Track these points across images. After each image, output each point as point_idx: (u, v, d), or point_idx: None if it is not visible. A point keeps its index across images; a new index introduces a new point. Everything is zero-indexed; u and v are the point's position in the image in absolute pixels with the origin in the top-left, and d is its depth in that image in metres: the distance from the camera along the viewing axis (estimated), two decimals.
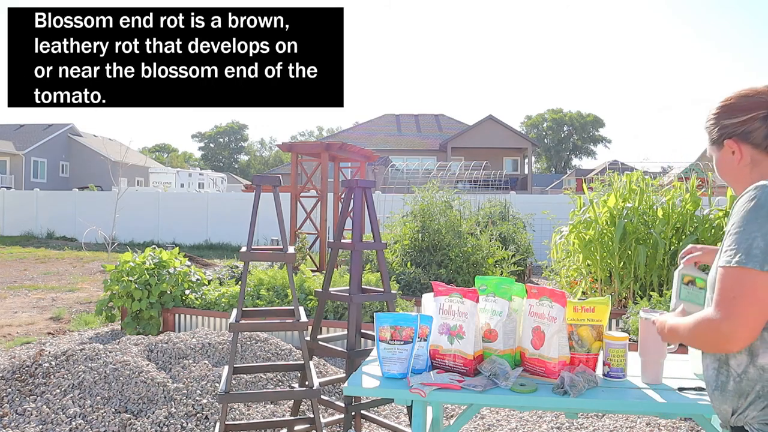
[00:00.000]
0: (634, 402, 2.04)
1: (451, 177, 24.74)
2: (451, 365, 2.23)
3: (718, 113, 1.58)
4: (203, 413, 3.59)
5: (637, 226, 6.36)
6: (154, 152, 75.77)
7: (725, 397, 1.46)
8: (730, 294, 1.37)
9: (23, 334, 6.73)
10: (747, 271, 1.35)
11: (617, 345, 2.22)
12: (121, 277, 6.43)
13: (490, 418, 4.14)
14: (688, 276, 1.96)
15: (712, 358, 1.51)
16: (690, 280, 1.95)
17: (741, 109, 1.53)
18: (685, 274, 1.98)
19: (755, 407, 1.40)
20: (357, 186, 3.28)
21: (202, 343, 4.62)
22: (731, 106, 1.55)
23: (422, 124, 38.73)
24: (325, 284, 3.38)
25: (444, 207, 8.44)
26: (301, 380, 3.31)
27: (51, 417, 3.51)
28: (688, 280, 1.95)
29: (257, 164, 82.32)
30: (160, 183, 32.11)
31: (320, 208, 8.92)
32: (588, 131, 74.21)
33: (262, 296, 6.29)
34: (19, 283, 10.68)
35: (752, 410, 1.40)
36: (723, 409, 1.48)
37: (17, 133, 39.44)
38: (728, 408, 1.46)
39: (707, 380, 1.54)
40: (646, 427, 4.02)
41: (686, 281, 1.95)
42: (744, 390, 1.42)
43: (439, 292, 2.33)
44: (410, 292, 7.44)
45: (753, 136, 1.51)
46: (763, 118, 1.50)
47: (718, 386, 1.48)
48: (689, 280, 1.95)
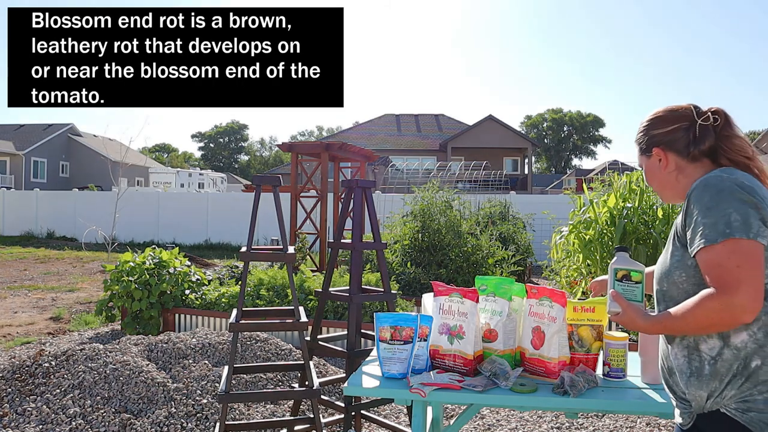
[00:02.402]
0: (634, 402, 2.04)
1: (451, 177, 24.74)
2: (451, 365, 2.22)
3: (648, 125, 1.75)
4: (203, 413, 3.59)
5: (637, 226, 6.35)
6: (154, 152, 75.77)
7: (701, 382, 1.50)
8: (729, 266, 1.43)
9: (23, 334, 6.73)
10: (737, 241, 1.43)
11: (617, 345, 2.22)
12: (121, 277, 6.42)
13: (490, 418, 4.14)
14: (622, 270, 1.81)
15: (681, 346, 1.57)
16: (624, 274, 1.81)
17: (667, 120, 1.70)
18: (618, 268, 1.82)
19: (733, 386, 1.45)
20: (357, 186, 3.28)
21: (202, 343, 4.62)
22: (659, 119, 1.72)
23: (422, 124, 38.72)
24: (325, 284, 3.38)
25: (444, 207, 8.44)
26: (301, 380, 3.31)
27: (51, 417, 3.50)
28: (622, 275, 1.80)
29: (257, 164, 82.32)
30: (160, 183, 32.12)
31: (320, 208, 8.92)
32: (588, 131, 74.19)
33: (262, 296, 6.29)
34: (19, 283, 10.68)
35: (730, 390, 1.46)
36: (698, 395, 1.51)
37: (17, 133, 39.44)
38: (704, 393, 1.50)
39: (679, 369, 1.57)
40: (646, 427, 4.02)
41: (620, 276, 1.80)
42: (719, 372, 1.47)
43: (439, 292, 2.33)
44: (410, 292, 7.44)
45: (677, 144, 1.68)
46: (685, 129, 1.67)
47: (693, 372, 1.53)
48: (623, 274, 1.81)
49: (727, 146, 1.63)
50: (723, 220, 1.45)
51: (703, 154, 1.65)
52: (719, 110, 1.68)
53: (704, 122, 1.65)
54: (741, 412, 1.44)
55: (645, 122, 1.76)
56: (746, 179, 1.52)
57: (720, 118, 1.66)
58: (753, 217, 1.45)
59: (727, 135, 1.64)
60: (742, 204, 1.46)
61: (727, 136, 1.64)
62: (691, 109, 1.69)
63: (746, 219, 1.44)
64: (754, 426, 1.41)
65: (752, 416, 1.42)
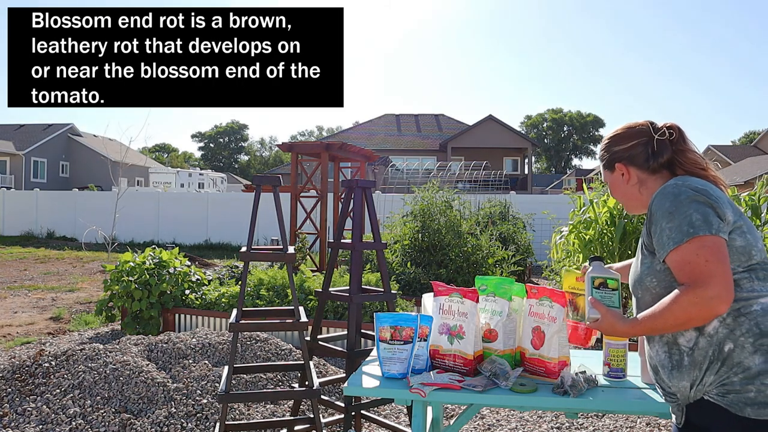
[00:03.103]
0: (634, 402, 2.04)
1: (451, 177, 24.74)
2: (451, 365, 2.22)
3: (609, 142, 1.87)
4: (203, 413, 3.59)
5: (637, 226, 6.35)
6: (154, 152, 75.75)
7: (683, 373, 1.59)
8: (699, 261, 1.52)
9: (23, 334, 6.73)
10: (701, 238, 1.54)
11: (617, 345, 2.22)
12: (121, 277, 6.42)
13: (490, 418, 4.14)
14: (599, 278, 1.89)
15: (661, 343, 1.66)
16: (601, 282, 1.88)
17: (627, 137, 1.83)
18: (595, 276, 1.90)
19: (711, 371, 1.53)
20: (357, 186, 3.28)
21: (202, 343, 4.62)
22: (619, 136, 1.85)
23: (422, 124, 38.71)
24: (325, 284, 3.38)
25: (444, 207, 8.44)
26: (301, 380, 3.31)
27: (51, 417, 3.50)
28: (599, 283, 1.88)
29: (257, 164, 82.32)
30: (160, 183, 32.12)
31: (320, 208, 8.91)
32: (588, 131, 74.19)
33: (262, 296, 6.29)
34: (19, 283, 10.68)
35: (709, 376, 1.54)
36: (682, 386, 1.59)
37: (17, 133, 39.43)
38: (687, 383, 1.58)
39: (661, 364, 1.65)
40: (646, 427, 4.02)
41: (597, 284, 1.88)
42: (697, 360, 1.56)
43: (439, 292, 2.33)
44: (410, 292, 7.44)
45: (637, 159, 1.80)
46: (644, 144, 1.79)
47: (675, 365, 1.61)
48: (600, 282, 1.88)
49: (683, 159, 1.75)
50: (686, 222, 1.55)
51: (662, 167, 1.77)
52: (674, 125, 1.80)
53: (661, 137, 1.77)
54: (722, 396, 1.51)
55: (606, 140, 1.89)
56: (699, 183, 1.63)
57: (675, 133, 1.78)
58: (711, 215, 1.55)
59: (682, 149, 1.77)
60: (700, 205, 1.57)
61: (682, 150, 1.77)
62: (648, 125, 1.81)
63: (706, 217, 1.55)
64: (734, 407, 1.48)
65: (732, 398, 1.49)
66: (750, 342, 1.50)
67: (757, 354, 1.49)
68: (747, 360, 1.49)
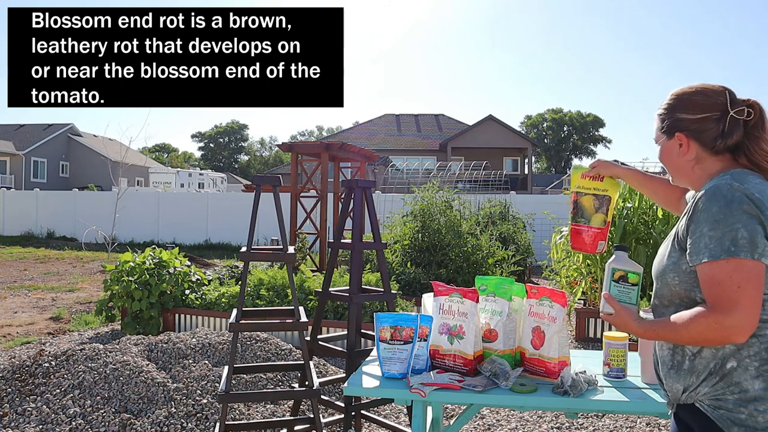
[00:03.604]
0: (634, 402, 2.04)
1: (451, 177, 24.73)
2: (451, 365, 2.22)
3: (676, 104, 1.62)
4: (203, 413, 3.59)
5: (637, 226, 6.36)
6: (154, 152, 75.76)
7: (679, 376, 1.53)
8: (730, 285, 1.40)
9: (23, 334, 6.73)
10: (741, 261, 1.40)
11: (617, 345, 2.22)
12: (121, 277, 6.42)
13: (490, 418, 4.14)
14: (620, 270, 1.74)
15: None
16: (621, 275, 1.73)
17: (698, 106, 1.57)
18: (616, 268, 1.74)
19: (707, 383, 1.48)
20: (357, 186, 3.28)
21: (202, 343, 4.62)
22: (689, 101, 1.59)
23: (422, 124, 38.71)
24: (325, 284, 3.38)
25: (444, 207, 8.44)
26: (301, 380, 3.31)
27: (51, 417, 3.50)
28: (619, 276, 1.73)
29: (257, 164, 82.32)
30: (160, 183, 32.14)
31: (320, 208, 8.91)
32: (588, 131, 74.18)
33: (262, 296, 6.29)
34: (19, 283, 10.68)
35: (704, 387, 1.48)
36: (675, 388, 1.55)
37: (17, 133, 39.43)
38: (680, 387, 1.53)
39: (662, 360, 1.60)
40: (646, 427, 4.02)
41: (617, 277, 1.73)
42: (697, 368, 1.50)
43: (439, 292, 2.33)
44: (410, 292, 7.44)
45: (704, 135, 1.57)
46: (716, 120, 1.55)
47: (674, 365, 1.55)
48: (620, 275, 1.73)
49: (753, 147, 1.53)
50: (729, 236, 1.41)
51: (727, 149, 1.56)
52: (755, 104, 1.56)
53: (737, 115, 1.54)
54: (713, 409, 1.47)
55: (672, 99, 1.64)
56: (756, 190, 1.45)
57: (754, 114, 1.55)
58: (759, 235, 1.41)
59: (756, 136, 1.54)
60: (750, 219, 1.41)
61: (756, 137, 1.54)
62: (725, 95, 1.56)
63: (753, 237, 1.40)
64: (722, 423, 1.45)
65: (722, 413, 1.45)
66: (755, 366, 1.44)
67: (758, 379, 1.43)
68: (747, 382, 1.43)
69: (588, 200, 2.03)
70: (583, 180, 2.05)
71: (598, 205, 2.03)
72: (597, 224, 2.03)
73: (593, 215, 2.03)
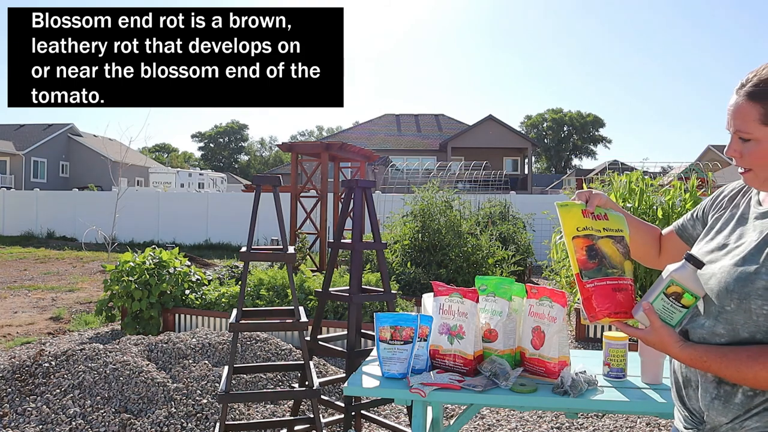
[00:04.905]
0: (634, 402, 2.04)
1: (451, 177, 24.73)
2: (451, 365, 2.22)
3: None
4: (203, 413, 3.59)
5: None
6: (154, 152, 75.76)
7: (727, 409, 1.27)
8: None
9: (23, 334, 6.73)
10: None
11: (617, 345, 2.22)
12: (121, 277, 6.42)
13: (490, 418, 4.14)
14: (678, 285, 1.34)
15: None
16: (676, 291, 1.34)
17: None
18: (677, 283, 1.35)
19: (760, 418, 1.24)
20: (357, 186, 3.28)
21: (202, 343, 4.62)
22: None
23: (422, 124, 38.73)
24: (325, 284, 3.38)
25: (444, 207, 8.44)
26: (301, 380, 3.31)
27: (51, 417, 3.50)
28: (673, 291, 1.35)
29: (257, 164, 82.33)
30: (160, 183, 32.14)
31: (320, 208, 8.91)
32: (588, 131, 74.21)
33: (262, 296, 6.29)
34: (19, 283, 10.68)
35: (754, 421, 1.24)
36: (718, 420, 1.30)
37: (17, 133, 39.42)
38: (724, 420, 1.28)
39: (703, 386, 1.33)
40: (646, 427, 4.02)
41: (670, 292, 1.35)
42: (753, 404, 1.25)
43: (439, 292, 2.33)
44: (410, 292, 7.44)
45: None
46: None
47: (720, 396, 1.29)
48: (675, 291, 1.34)
49: None
50: None
51: None
52: None
53: None
54: None
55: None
56: None
57: None
58: None
59: None
60: None
61: None
62: None
63: None
64: None
65: None
66: None
67: None
68: None
69: (608, 244, 1.53)
70: (586, 219, 1.55)
71: (623, 250, 1.55)
72: (630, 275, 1.53)
73: (623, 263, 1.53)
